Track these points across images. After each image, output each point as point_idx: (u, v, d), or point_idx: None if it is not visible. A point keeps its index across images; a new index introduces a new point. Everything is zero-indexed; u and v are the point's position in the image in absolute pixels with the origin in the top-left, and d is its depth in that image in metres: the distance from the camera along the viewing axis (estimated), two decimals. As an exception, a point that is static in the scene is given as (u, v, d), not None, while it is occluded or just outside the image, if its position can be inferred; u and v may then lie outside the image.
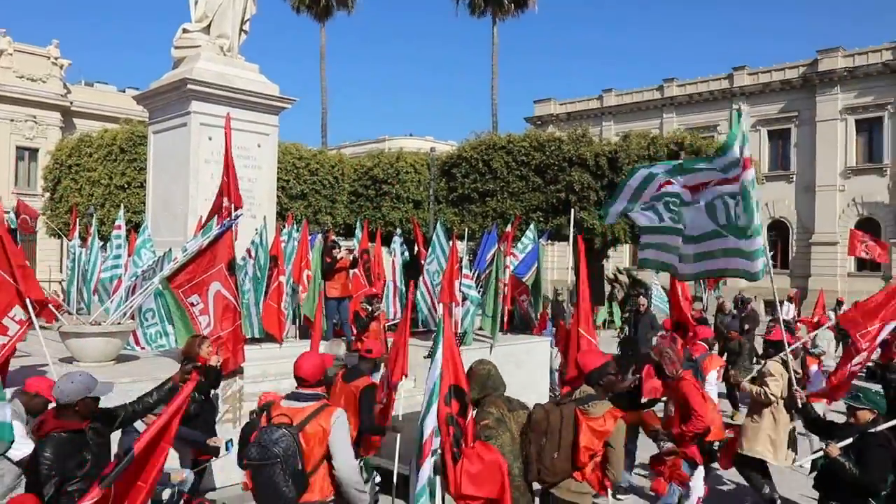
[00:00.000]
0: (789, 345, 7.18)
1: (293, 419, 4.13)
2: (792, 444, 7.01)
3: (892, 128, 31.57)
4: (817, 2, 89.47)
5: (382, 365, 6.34)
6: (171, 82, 10.26)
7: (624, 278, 26.71)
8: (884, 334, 6.43)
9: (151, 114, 11.11)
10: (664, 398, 6.87)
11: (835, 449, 4.91)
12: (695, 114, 37.75)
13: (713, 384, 8.01)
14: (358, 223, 16.75)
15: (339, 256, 10.65)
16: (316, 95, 76.85)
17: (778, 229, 35.03)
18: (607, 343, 13.54)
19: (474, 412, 4.39)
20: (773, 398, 6.95)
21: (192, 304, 6.84)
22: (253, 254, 9.22)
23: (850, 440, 4.97)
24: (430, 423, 4.01)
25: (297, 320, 10.44)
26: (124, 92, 38.78)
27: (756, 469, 7.14)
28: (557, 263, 40.75)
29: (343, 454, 4.16)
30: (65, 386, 4.11)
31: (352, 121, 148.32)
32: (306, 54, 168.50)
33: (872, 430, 4.95)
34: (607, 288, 26.03)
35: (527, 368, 11.04)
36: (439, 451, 4.14)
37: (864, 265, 31.05)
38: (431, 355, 4.16)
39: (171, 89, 10.28)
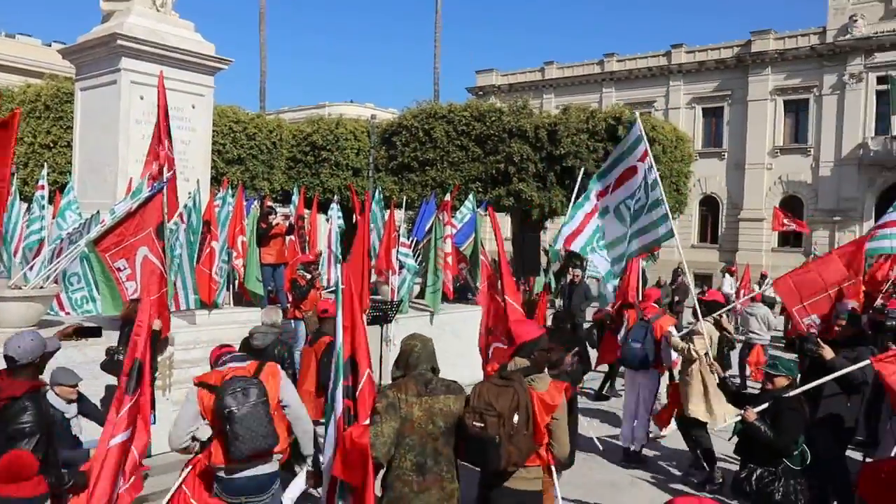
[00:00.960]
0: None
1: (250, 372, 4.27)
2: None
3: (816, 110, 32.76)
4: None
5: None
6: (100, 37, 9.80)
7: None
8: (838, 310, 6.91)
9: (79, 70, 10.61)
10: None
11: (751, 413, 5.15)
12: (634, 89, 38.28)
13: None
14: (295, 189, 16.49)
15: (274, 222, 10.51)
16: (255, 59, 74.64)
17: (709, 205, 36.10)
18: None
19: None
20: (695, 355, 7.18)
21: (119, 270, 6.65)
22: (185, 218, 8.99)
23: (765, 405, 5.23)
24: (339, 397, 3.80)
25: (231, 287, 10.27)
26: (50, 46, 36.80)
27: (704, 438, 7.30)
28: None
29: (295, 397, 4.55)
30: (25, 345, 3.97)
31: (291, 86, 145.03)
32: (245, 16, 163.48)
33: (786, 395, 5.22)
34: (544, 259, 26.41)
35: (464, 337, 11.12)
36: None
37: (787, 241, 32.42)
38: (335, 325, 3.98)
39: (100, 44, 9.83)
